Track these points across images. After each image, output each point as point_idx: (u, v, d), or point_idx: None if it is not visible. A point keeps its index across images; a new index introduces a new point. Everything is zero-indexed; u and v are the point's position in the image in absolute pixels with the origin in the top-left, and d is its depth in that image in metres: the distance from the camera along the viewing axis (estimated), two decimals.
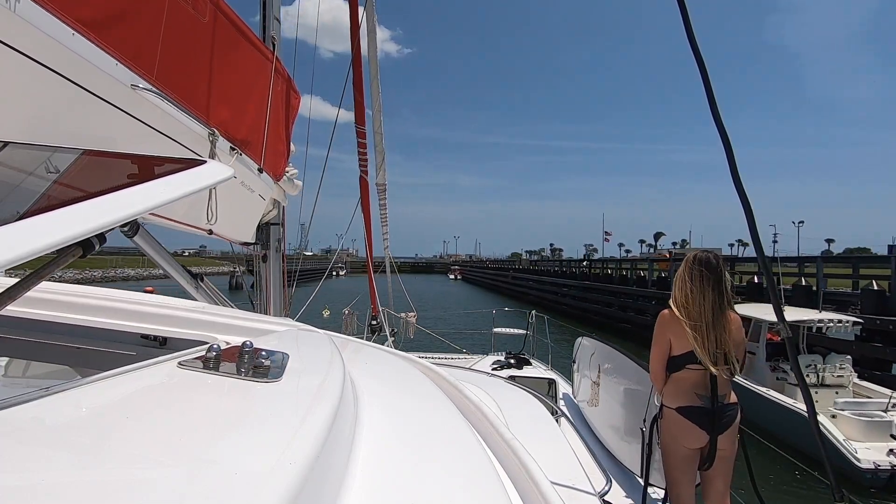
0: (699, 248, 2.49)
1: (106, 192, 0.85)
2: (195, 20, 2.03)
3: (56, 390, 0.66)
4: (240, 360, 0.83)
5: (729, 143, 1.31)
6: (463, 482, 0.70)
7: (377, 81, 5.38)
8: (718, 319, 2.18)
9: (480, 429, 0.97)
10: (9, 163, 1.04)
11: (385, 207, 6.01)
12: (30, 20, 1.25)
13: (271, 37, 3.19)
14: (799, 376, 1.26)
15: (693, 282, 2.21)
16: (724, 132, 1.31)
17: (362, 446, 0.73)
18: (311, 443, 0.56)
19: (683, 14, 1.28)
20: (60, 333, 1.29)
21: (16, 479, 0.45)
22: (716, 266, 2.21)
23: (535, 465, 0.80)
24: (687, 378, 2.24)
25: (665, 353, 2.28)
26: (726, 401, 2.22)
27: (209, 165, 1.20)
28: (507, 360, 4.89)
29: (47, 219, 0.72)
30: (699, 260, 2.25)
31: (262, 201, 3.08)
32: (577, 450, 2.26)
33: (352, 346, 1.61)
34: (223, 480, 0.48)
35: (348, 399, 0.82)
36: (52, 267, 0.74)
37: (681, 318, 2.22)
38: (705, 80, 1.30)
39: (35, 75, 1.31)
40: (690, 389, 2.22)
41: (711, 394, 2.20)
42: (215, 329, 1.28)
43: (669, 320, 2.28)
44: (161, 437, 0.57)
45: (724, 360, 2.19)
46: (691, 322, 2.18)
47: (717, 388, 2.19)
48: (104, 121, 1.60)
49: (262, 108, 2.78)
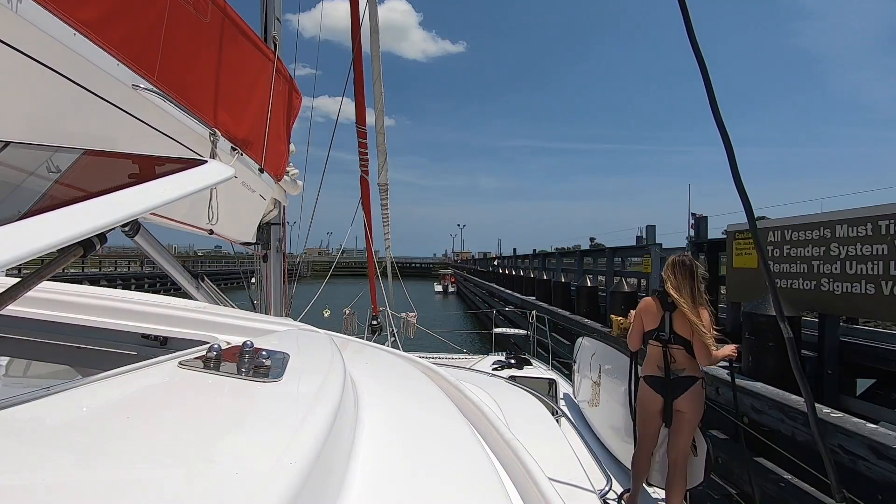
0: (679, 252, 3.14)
1: (107, 191, 0.85)
2: (196, 20, 2.03)
3: (57, 390, 0.66)
4: (240, 360, 0.83)
5: (729, 143, 1.31)
6: (463, 482, 0.69)
7: (380, 81, 5.37)
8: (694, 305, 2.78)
9: (481, 429, 0.97)
10: (10, 163, 1.04)
11: (387, 208, 6.00)
12: (31, 20, 1.25)
13: (273, 37, 3.19)
14: (800, 376, 1.26)
15: (675, 276, 2.87)
16: (725, 132, 1.31)
17: (362, 446, 0.73)
18: (312, 443, 0.56)
19: (684, 13, 1.28)
20: (61, 333, 1.29)
21: (17, 478, 0.45)
22: (689, 265, 2.88)
23: (535, 465, 0.80)
24: (651, 354, 2.90)
25: (640, 328, 2.97)
26: (682, 374, 2.80)
27: (210, 165, 1.20)
28: (507, 361, 4.88)
29: (48, 219, 0.72)
30: (677, 262, 2.93)
31: (262, 201, 3.08)
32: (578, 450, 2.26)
33: (352, 346, 1.62)
34: (223, 480, 0.48)
35: (349, 399, 0.82)
36: (52, 267, 0.74)
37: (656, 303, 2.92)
38: (706, 80, 1.30)
39: (36, 75, 1.31)
40: (653, 363, 2.87)
41: (665, 367, 2.82)
42: (216, 329, 1.28)
43: (647, 306, 2.96)
44: (162, 437, 0.57)
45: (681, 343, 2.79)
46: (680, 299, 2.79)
47: (672, 363, 2.81)
48: (105, 121, 1.60)
49: (263, 108, 2.78)
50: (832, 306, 5.34)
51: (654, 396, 2.83)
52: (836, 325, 5.51)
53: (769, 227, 6.18)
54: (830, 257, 5.29)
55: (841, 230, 5.20)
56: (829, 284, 5.29)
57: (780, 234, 6.01)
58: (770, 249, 6.00)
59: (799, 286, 5.66)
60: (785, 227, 5.96)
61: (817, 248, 5.47)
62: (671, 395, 2.79)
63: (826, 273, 5.34)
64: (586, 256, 14.89)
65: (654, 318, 2.91)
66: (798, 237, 5.75)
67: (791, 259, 5.80)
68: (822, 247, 5.41)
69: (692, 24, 1.28)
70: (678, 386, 2.78)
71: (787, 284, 5.74)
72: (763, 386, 4.91)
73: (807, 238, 5.64)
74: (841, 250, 5.17)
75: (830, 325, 5.45)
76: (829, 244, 5.32)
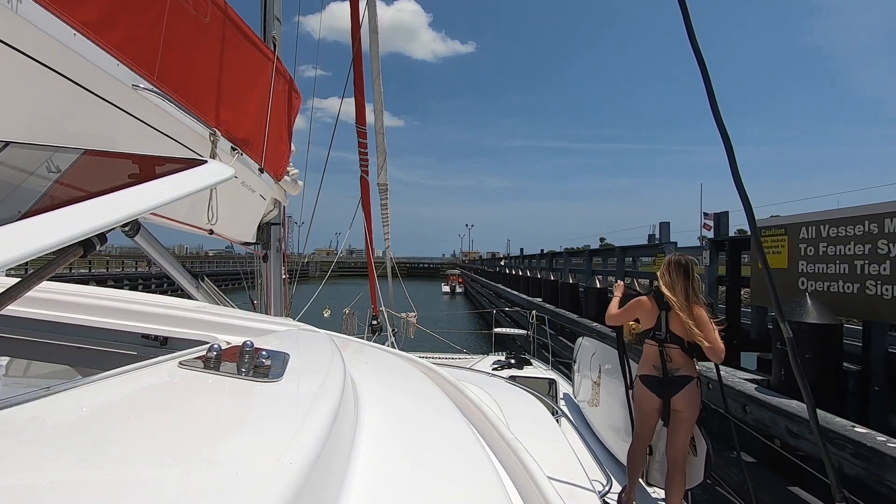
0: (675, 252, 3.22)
1: (107, 191, 0.85)
2: (196, 20, 2.03)
3: (57, 390, 0.66)
4: (240, 360, 0.83)
5: (729, 143, 1.31)
6: (463, 482, 0.69)
7: (379, 81, 5.38)
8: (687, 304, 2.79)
9: (481, 429, 0.97)
10: (10, 163, 1.04)
11: (386, 207, 6.00)
12: (31, 20, 1.25)
13: (272, 37, 3.19)
14: (800, 376, 1.26)
15: (670, 275, 2.89)
16: (725, 131, 1.31)
17: (363, 446, 0.73)
18: (312, 443, 0.56)
19: (684, 13, 1.28)
20: (61, 333, 1.29)
21: (17, 478, 0.45)
22: (684, 264, 2.90)
23: (535, 465, 0.80)
24: (648, 353, 2.89)
25: (624, 317, 3.03)
26: (678, 373, 2.80)
27: (210, 165, 1.20)
28: (507, 360, 4.89)
29: (48, 219, 0.72)
30: (672, 261, 2.96)
31: (262, 201, 3.08)
32: (578, 450, 2.26)
33: (352, 346, 1.61)
34: (223, 480, 0.48)
35: (349, 399, 0.82)
36: (52, 267, 0.74)
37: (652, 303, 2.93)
38: (706, 80, 1.30)
39: (36, 75, 1.31)
40: (649, 362, 2.88)
41: (662, 366, 2.82)
42: (216, 329, 1.28)
43: (643, 304, 2.96)
44: (162, 437, 0.57)
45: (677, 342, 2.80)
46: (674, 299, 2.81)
47: (668, 362, 2.82)
48: (105, 121, 1.60)
49: (263, 108, 2.78)
50: (880, 312, 4.63)
51: (650, 396, 2.84)
52: (884, 335, 4.78)
53: (801, 222, 5.45)
54: (878, 256, 4.62)
55: (891, 224, 4.50)
56: (877, 287, 4.60)
57: (815, 230, 5.25)
58: (803, 247, 5.40)
59: (839, 289, 4.96)
60: (821, 222, 5.17)
61: (861, 246, 4.78)
62: (668, 394, 2.81)
63: (873, 274, 4.66)
64: (595, 256, 14.35)
65: (650, 317, 2.91)
66: (837, 233, 5.03)
67: (829, 258, 5.08)
68: (867, 244, 4.73)
69: (692, 23, 1.28)
70: (674, 385, 2.80)
71: (823, 287, 5.07)
72: (799, 405, 4.22)
73: (848, 234, 4.90)
74: (891, 248, 4.51)
75: (878, 333, 4.74)
76: (877, 241, 4.63)
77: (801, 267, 5.46)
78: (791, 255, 5.61)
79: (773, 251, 5.91)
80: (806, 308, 4.74)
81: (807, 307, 4.74)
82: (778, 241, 5.81)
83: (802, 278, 5.44)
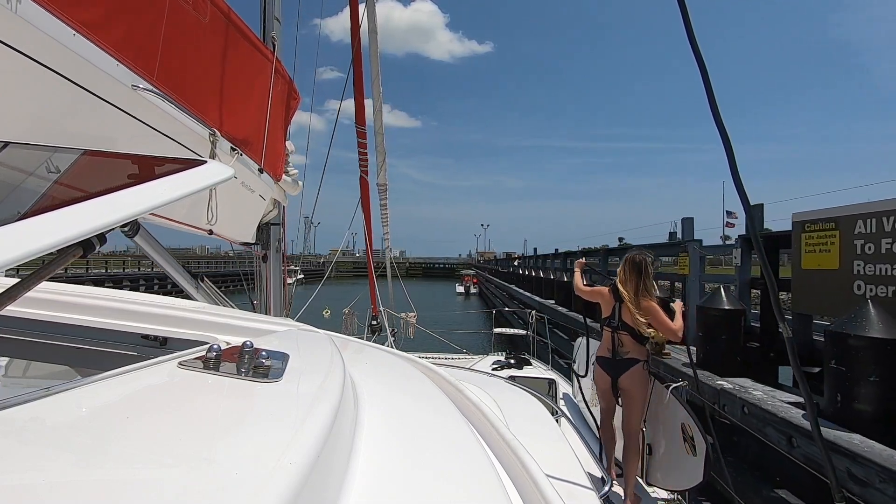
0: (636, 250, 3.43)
1: (106, 192, 0.85)
2: (196, 20, 2.03)
3: (56, 390, 0.66)
4: (240, 361, 0.83)
5: (729, 142, 1.31)
6: (463, 482, 0.69)
7: (378, 81, 5.38)
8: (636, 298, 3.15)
9: (480, 429, 0.97)
10: (9, 163, 1.04)
11: (386, 207, 6.01)
12: (31, 21, 1.25)
13: (271, 37, 3.19)
14: (800, 377, 1.26)
15: (625, 272, 3.25)
16: (724, 131, 1.31)
17: (362, 447, 0.73)
18: (312, 443, 0.56)
19: (683, 12, 1.28)
20: (61, 333, 1.29)
21: (16, 478, 0.45)
22: (638, 262, 3.22)
23: (535, 465, 0.80)
24: (604, 338, 3.32)
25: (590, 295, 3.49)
26: (626, 356, 3.18)
27: (209, 165, 1.20)
28: (507, 361, 4.89)
29: (48, 219, 0.72)
30: (629, 259, 3.29)
31: (262, 201, 3.08)
32: (577, 450, 2.26)
33: (352, 346, 1.61)
34: (223, 480, 0.48)
35: (348, 399, 0.82)
36: (52, 267, 0.74)
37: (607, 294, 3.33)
38: (705, 79, 1.30)
39: (36, 76, 1.31)
40: (605, 346, 3.29)
41: (613, 349, 3.22)
42: (215, 329, 1.28)
43: (603, 295, 3.36)
44: (161, 438, 0.57)
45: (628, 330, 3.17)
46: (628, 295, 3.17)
47: (619, 347, 3.19)
48: (105, 121, 1.60)
49: (262, 109, 2.78)
50: None
51: (603, 375, 3.26)
52: None
53: (857, 213, 4.51)
54: None
55: None
56: None
57: (876, 224, 4.31)
58: (859, 244, 4.44)
59: None
60: (884, 214, 4.23)
61: None
62: (616, 373, 3.20)
63: None
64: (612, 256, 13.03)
65: (607, 306, 3.31)
66: None
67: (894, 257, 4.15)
68: None
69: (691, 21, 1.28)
70: (621, 366, 3.18)
71: (888, 292, 4.12)
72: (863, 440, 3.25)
73: None
74: None
75: None
76: None
77: (857, 268, 4.46)
78: (844, 255, 4.59)
79: (819, 249, 4.87)
80: (868, 318, 3.72)
81: (869, 317, 3.72)
82: (826, 238, 4.80)
83: (859, 281, 4.43)
